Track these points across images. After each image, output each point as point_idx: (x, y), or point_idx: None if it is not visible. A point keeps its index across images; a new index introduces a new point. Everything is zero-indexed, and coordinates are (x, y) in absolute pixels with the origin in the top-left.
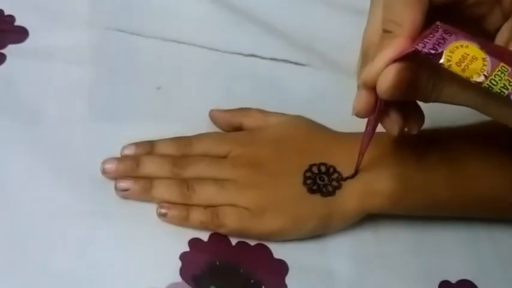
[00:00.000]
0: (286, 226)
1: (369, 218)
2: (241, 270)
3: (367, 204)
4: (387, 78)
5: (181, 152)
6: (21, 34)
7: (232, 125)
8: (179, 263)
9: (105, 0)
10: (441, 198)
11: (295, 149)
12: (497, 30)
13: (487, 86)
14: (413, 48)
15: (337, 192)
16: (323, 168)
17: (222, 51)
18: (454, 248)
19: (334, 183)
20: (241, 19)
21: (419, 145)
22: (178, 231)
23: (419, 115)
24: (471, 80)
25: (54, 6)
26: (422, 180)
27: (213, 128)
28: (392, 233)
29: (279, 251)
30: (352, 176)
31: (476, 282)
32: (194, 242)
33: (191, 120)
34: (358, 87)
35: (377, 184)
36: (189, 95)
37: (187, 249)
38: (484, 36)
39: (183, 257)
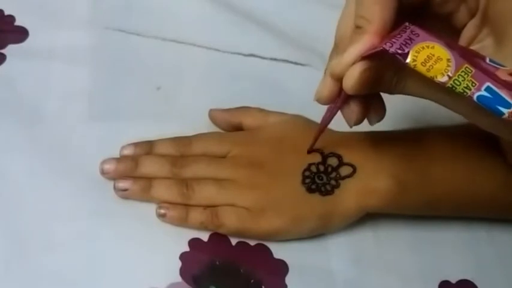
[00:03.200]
0: (286, 226)
1: (369, 218)
2: (241, 270)
3: (366, 203)
4: (353, 76)
5: (181, 152)
6: (21, 34)
7: (231, 125)
8: (179, 263)
9: (105, 0)
10: (437, 197)
11: (295, 149)
12: (464, 27)
13: (451, 86)
14: (381, 48)
15: (336, 191)
16: (321, 168)
17: (222, 51)
18: (454, 248)
19: (333, 182)
20: (241, 19)
21: (414, 145)
22: (178, 231)
23: (381, 108)
24: (435, 79)
25: (54, 6)
26: (418, 180)
27: (213, 128)
28: (392, 233)
29: (279, 251)
30: (310, 150)
31: (476, 282)
32: (194, 242)
33: (191, 120)
34: (324, 74)
35: (375, 183)
36: (189, 95)
37: (187, 249)
38: (452, 34)
39: (183, 257)
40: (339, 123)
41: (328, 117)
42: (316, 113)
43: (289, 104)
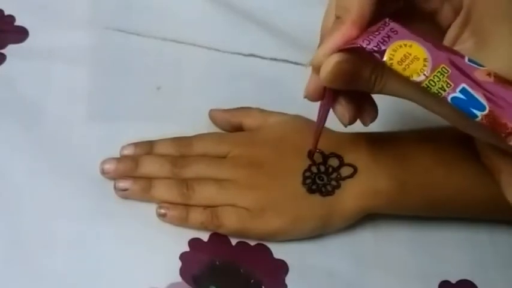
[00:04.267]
0: (286, 226)
1: (369, 218)
2: (241, 270)
3: (366, 203)
4: (327, 67)
5: (181, 152)
6: (21, 34)
7: (232, 125)
8: (179, 263)
9: (105, 0)
10: (438, 198)
11: (295, 149)
12: (450, 26)
13: (426, 86)
14: (358, 45)
15: (337, 191)
16: (322, 168)
17: (222, 51)
18: (454, 248)
19: (334, 182)
20: (241, 19)
21: (415, 145)
22: (178, 231)
23: (372, 108)
24: (411, 79)
25: (54, 6)
26: (419, 180)
27: (213, 128)
28: (392, 233)
29: (279, 251)
30: (310, 154)
31: (476, 282)
32: (194, 242)
33: (191, 120)
34: (311, 70)
35: (376, 184)
36: (189, 95)
37: (187, 249)
38: (437, 35)
39: (183, 257)
40: (339, 124)
41: (321, 117)
42: (316, 113)
43: (289, 104)
